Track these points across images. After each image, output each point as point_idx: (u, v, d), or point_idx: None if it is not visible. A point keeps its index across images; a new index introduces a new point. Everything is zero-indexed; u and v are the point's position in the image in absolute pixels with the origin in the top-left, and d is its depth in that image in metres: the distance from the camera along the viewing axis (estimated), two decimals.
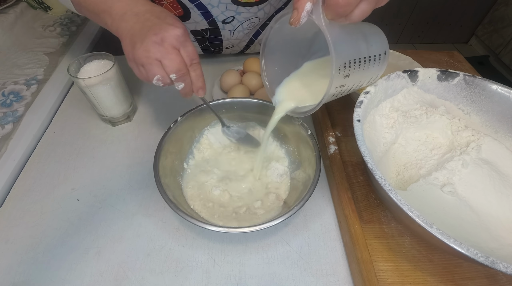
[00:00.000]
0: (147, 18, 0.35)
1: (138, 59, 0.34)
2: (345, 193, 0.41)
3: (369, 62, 0.35)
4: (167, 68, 0.34)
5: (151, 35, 0.33)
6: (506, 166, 0.41)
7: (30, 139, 0.52)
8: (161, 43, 0.33)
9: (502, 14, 1.94)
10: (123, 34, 0.36)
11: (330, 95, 0.34)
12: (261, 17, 0.59)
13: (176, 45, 0.34)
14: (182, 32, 0.35)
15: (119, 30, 0.36)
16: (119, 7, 0.36)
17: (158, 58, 0.34)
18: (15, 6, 0.78)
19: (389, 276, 0.36)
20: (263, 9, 0.57)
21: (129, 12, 0.36)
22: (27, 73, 0.64)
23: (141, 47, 0.33)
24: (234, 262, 0.39)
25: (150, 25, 0.34)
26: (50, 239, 0.40)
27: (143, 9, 0.36)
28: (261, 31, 0.65)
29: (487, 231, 0.37)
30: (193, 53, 0.36)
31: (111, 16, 0.37)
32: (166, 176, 0.41)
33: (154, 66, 0.34)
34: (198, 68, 0.37)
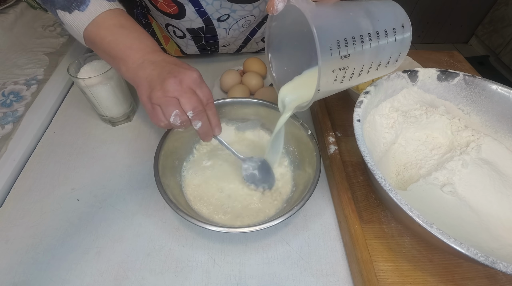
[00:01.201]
0: (164, 65, 0.37)
1: (155, 99, 0.35)
2: (345, 193, 0.41)
3: (378, 38, 0.32)
4: (185, 106, 0.35)
5: (171, 77, 0.35)
6: (506, 166, 0.41)
7: (30, 139, 0.52)
8: (179, 84, 0.35)
9: (502, 14, 1.94)
10: (141, 81, 0.37)
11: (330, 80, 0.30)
12: (256, 15, 0.59)
13: (192, 86, 0.36)
14: (198, 74, 0.37)
15: (136, 78, 0.37)
16: (136, 57, 0.38)
17: (176, 96, 0.35)
18: (15, 6, 0.78)
19: (389, 276, 0.36)
20: (258, 7, 0.57)
21: (147, 61, 0.37)
22: (27, 73, 0.64)
23: (161, 89, 0.35)
24: (234, 262, 0.39)
25: (168, 69, 0.36)
26: (50, 239, 0.40)
27: (160, 59, 0.38)
28: (257, 29, 0.65)
29: (487, 231, 0.37)
30: (208, 94, 0.38)
31: (127, 65, 0.38)
32: (166, 176, 0.41)
33: (172, 103, 0.35)
34: (213, 107, 0.39)
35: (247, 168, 0.45)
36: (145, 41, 0.40)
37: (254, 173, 0.45)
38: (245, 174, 0.45)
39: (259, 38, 0.68)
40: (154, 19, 0.65)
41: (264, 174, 0.45)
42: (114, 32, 0.39)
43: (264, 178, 0.45)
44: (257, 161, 0.45)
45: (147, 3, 0.56)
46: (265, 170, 0.46)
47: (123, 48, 0.38)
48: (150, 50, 0.39)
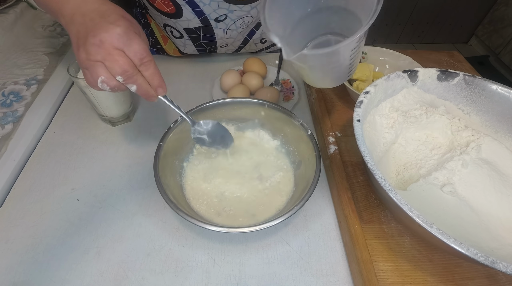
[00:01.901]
0: (92, 18, 0.32)
1: (81, 62, 0.32)
2: (345, 193, 0.41)
3: None
4: (112, 70, 0.32)
5: (90, 37, 0.31)
6: (506, 166, 0.41)
7: (30, 139, 0.52)
8: (100, 45, 0.31)
9: (502, 14, 1.94)
10: (72, 38, 0.34)
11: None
12: (254, 15, 0.59)
13: (118, 45, 0.32)
14: (123, 30, 0.32)
15: (69, 33, 0.34)
16: (68, 8, 0.34)
17: (99, 60, 0.32)
18: (15, 6, 0.78)
19: (389, 276, 0.36)
20: (256, 8, 0.57)
21: (77, 13, 0.33)
22: (27, 73, 0.63)
23: (83, 51, 0.32)
24: (234, 262, 0.39)
25: (91, 25, 0.32)
26: (50, 239, 0.40)
27: (91, 8, 0.33)
28: (255, 30, 0.65)
29: (487, 231, 0.37)
30: (141, 52, 0.33)
31: (64, 18, 0.35)
32: (166, 176, 0.41)
33: (97, 67, 0.32)
34: (151, 67, 0.35)
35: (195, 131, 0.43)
36: None
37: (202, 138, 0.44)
38: (193, 137, 0.43)
39: (258, 39, 0.68)
40: (152, 19, 0.65)
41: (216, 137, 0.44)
42: None
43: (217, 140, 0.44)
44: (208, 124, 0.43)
45: (145, 2, 0.56)
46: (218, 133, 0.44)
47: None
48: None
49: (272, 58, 0.71)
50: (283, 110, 0.47)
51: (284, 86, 0.63)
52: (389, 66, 0.62)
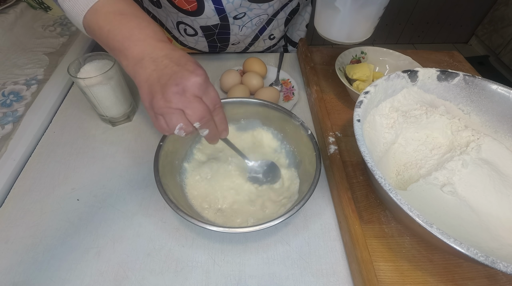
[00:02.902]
0: (166, 64, 0.33)
1: (157, 109, 0.32)
2: (345, 193, 0.41)
3: None
4: (191, 117, 0.32)
5: (172, 85, 0.31)
6: (506, 166, 0.41)
7: (30, 139, 0.52)
8: (183, 93, 0.31)
9: (502, 14, 1.94)
10: (141, 83, 0.33)
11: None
12: (270, 13, 0.60)
13: (198, 94, 0.32)
14: (204, 78, 0.33)
15: (136, 77, 0.34)
16: (136, 51, 0.34)
17: (180, 107, 0.32)
18: (15, 6, 0.78)
19: (389, 276, 0.36)
20: (273, 6, 0.58)
21: (147, 57, 0.33)
22: (27, 73, 0.64)
23: (162, 98, 0.31)
24: (234, 262, 0.39)
25: (170, 73, 0.32)
26: (50, 239, 0.40)
27: (162, 54, 0.33)
28: (266, 27, 0.65)
29: (487, 231, 0.37)
30: (215, 98, 0.35)
31: (127, 58, 0.34)
32: (166, 176, 0.41)
33: (176, 115, 0.32)
34: (221, 112, 0.36)
35: (251, 170, 0.46)
36: (146, 30, 0.35)
37: (258, 177, 0.46)
38: (249, 176, 0.46)
39: (267, 36, 0.68)
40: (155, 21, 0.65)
41: (269, 176, 0.46)
42: (112, 20, 0.35)
43: (268, 179, 0.46)
44: (263, 165, 0.46)
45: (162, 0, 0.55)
46: (271, 171, 0.46)
47: (121, 39, 0.34)
48: (151, 41, 0.35)
49: (272, 58, 0.71)
50: (283, 110, 0.47)
51: (284, 86, 0.63)
52: (389, 66, 0.62)
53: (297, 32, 0.78)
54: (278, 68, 0.66)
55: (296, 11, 0.66)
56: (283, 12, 0.64)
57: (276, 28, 0.67)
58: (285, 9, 0.63)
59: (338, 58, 0.59)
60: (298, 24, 0.76)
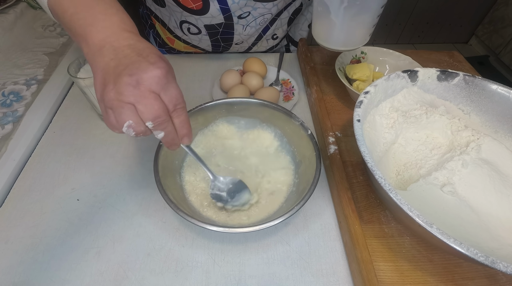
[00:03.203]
0: (126, 54, 0.30)
1: (107, 101, 0.29)
2: (345, 193, 0.41)
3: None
4: (143, 115, 0.29)
5: (126, 75, 0.28)
6: (506, 166, 0.41)
7: (30, 139, 0.52)
8: (136, 86, 0.28)
9: (502, 14, 1.94)
10: (97, 70, 0.30)
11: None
12: (273, 13, 0.60)
13: (155, 89, 0.29)
14: (164, 73, 0.29)
15: (93, 65, 0.31)
16: (97, 38, 0.31)
17: (132, 102, 0.28)
18: (15, 6, 0.78)
19: (389, 276, 0.36)
20: (277, 5, 0.58)
21: (108, 45, 0.30)
22: (27, 73, 0.63)
23: (113, 89, 0.28)
24: (234, 262, 0.39)
25: (127, 63, 0.29)
26: (50, 239, 0.40)
27: (125, 44, 0.30)
28: (269, 26, 0.65)
29: (487, 231, 0.37)
30: (176, 97, 0.31)
31: (88, 45, 0.31)
32: (166, 176, 0.41)
33: (126, 110, 0.28)
34: (182, 114, 0.32)
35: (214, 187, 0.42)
36: (112, 17, 0.32)
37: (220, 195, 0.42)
38: (211, 193, 0.42)
39: (270, 35, 0.69)
40: (157, 21, 0.65)
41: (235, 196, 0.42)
42: (76, 4, 0.32)
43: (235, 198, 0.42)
44: (228, 183, 0.42)
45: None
46: (238, 191, 0.42)
47: (84, 24, 0.31)
48: (116, 29, 0.31)
49: (272, 58, 0.71)
50: (283, 110, 0.47)
51: (284, 86, 0.63)
52: (389, 66, 0.62)
53: (299, 32, 0.78)
54: (278, 68, 0.66)
55: (299, 11, 0.66)
56: (286, 12, 0.64)
57: (279, 27, 0.67)
58: (289, 8, 0.63)
59: (338, 58, 0.59)
60: (301, 24, 0.76)
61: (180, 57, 0.70)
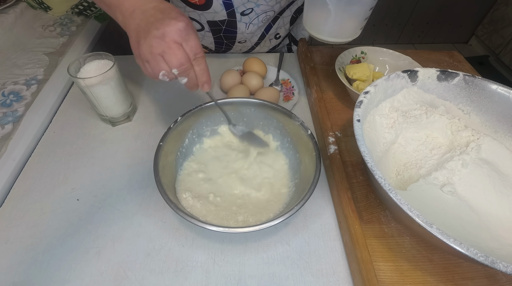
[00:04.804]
0: (152, 14, 0.35)
1: (143, 55, 0.35)
2: (345, 193, 0.41)
3: None
4: (170, 63, 0.34)
5: (153, 30, 0.34)
6: (506, 166, 0.41)
7: (30, 139, 0.52)
8: (162, 38, 0.33)
9: (502, 14, 1.94)
10: (131, 31, 0.36)
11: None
12: (276, 10, 0.60)
13: (178, 40, 0.34)
14: (184, 25, 0.34)
15: (127, 27, 0.37)
16: (129, 4, 0.37)
17: (160, 53, 0.34)
18: (15, 6, 0.78)
19: (389, 276, 0.36)
20: (279, 3, 0.58)
21: (138, 9, 0.36)
22: (27, 73, 0.64)
23: (145, 43, 0.34)
24: (234, 262, 0.39)
25: (153, 20, 0.34)
26: (50, 239, 0.40)
27: (150, 6, 0.36)
28: (272, 25, 0.66)
29: (487, 231, 0.37)
30: (196, 47, 0.36)
31: (122, 12, 0.37)
32: (166, 176, 0.41)
33: (159, 62, 0.34)
34: (202, 62, 0.37)
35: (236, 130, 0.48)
36: None
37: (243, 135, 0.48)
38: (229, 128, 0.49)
39: (273, 35, 0.69)
40: None
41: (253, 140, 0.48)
42: None
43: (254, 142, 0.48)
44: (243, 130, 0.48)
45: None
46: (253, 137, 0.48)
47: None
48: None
49: (272, 58, 0.71)
50: (283, 110, 0.47)
51: (284, 86, 0.63)
52: (389, 66, 0.62)
53: (301, 31, 0.78)
54: (278, 68, 0.66)
55: (301, 10, 0.67)
56: (288, 10, 0.64)
57: (282, 26, 0.68)
58: (291, 7, 0.64)
59: (338, 58, 0.59)
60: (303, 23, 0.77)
61: None
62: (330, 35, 0.46)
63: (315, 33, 0.48)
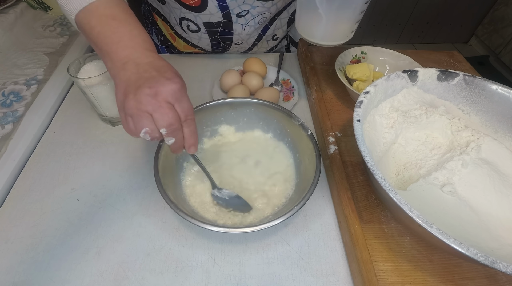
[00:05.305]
0: (146, 69, 0.34)
1: (128, 109, 0.32)
2: (345, 193, 0.41)
3: None
4: (158, 122, 0.32)
5: (145, 87, 0.32)
6: (506, 166, 0.41)
7: (30, 139, 0.52)
8: (154, 97, 0.32)
9: (502, 14, 1.94)
10: (120, 82, 0.34)
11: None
12: (272, 12, 0.60)
13: (170, 100, 0.33)
14: (179, 87, 0.33)
15: (116, 77, 0.35)
16: (122, 55, 0.35)
17: (149, 111, 0.32)
18: (15, 6, 0.78)
19: (389, 276, 0.36)
20: (276, 5, 0.58)
21: (131, 62, 0.34)
22: (27, 73, 0.64)
23: (133, 98, 0.32)
24: (234, 262, 0.39)
25: (147, 77, 0.33)
26: (50, 239, 0.40)
27: (146, 61, 0.35)
28: (269, 26, 0.65)
29: (487, 231, 0.37)
30: (188, 109, 0.35)
31: (112, 61, 0.35)
32: (166, 176, 0.41)
33: (144, 119, 0.32)
34: (192, 124, 0.36)
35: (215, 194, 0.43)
36: (136, 39, 0.36)
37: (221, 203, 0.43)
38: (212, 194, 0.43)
39: (270, 36, 0.69)
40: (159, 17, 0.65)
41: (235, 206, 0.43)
42: (104, 23, 0.36)
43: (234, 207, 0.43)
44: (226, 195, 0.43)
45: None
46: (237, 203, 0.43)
47: (110, 42, 0.35)
48: (139, 48, 0.36)
49: (272, 58, 0.71)
50: (283, 110, 0.47)
51: (284, 86, 0.63)
52: (389, 66, 0.62)
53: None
54: (278, 68, 0.66)
55: None
56: (285, 12, 0.64)
57: (279, 28, 0.67)
58: (288, 8, 0.63)
59: (338, 58, 0.59)
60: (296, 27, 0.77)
61: (180, 57, 0.70)
62: (323, 39, 0.47)
63: (307, 36, 0.48)
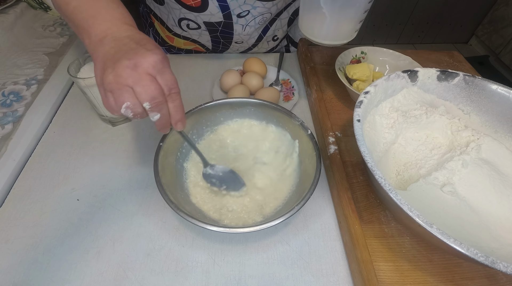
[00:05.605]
0: (126, 43, 0.32)
1: (107, 84, 0.30)
2: (345, 193, 0.41)
3: None
4: (140, 96, 0.30)
5: (124, 59, 0.30)
6: (506, 166, 0.41)
7: (30, 139, 0.52)
8: (134, 68, 0.30)
9: (502, 14, 1.94)
10: (98, 58, 0.32)
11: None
12: (273, 12, 0.60)
13: (151, 72, 0.30)
14: (160, 58, 0.31)
15: (94, 54, 0.33)
16: (99, 29, 0.33)
17: (130, 84, 0.30)
18: (15, 6, 0.78)
19: (389, 276, 0.36)
20: (276, 5, 0.58)
21: (109, 36, 0.32)
22: (27, 73, 0.63)
23: (112, 72, 0.30)
24: (234, 262, 0.39)
25: (126, 49, 0.31)
26: (50, 239, 0.40)
27: (125, 35, 0.33)
28: (269, 27, 0.65)
29: (487, 231, 0.37)
30: (171, 82, 0.32)
31: (89, 36, 0.33)
32: (166, 176, 0.41)
33: (124, 93, 0.30)
34: (177, 99, 0.33)
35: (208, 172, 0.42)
36: (113, 12, 0.34)
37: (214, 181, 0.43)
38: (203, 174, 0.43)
39: (270, 37, 0.69)
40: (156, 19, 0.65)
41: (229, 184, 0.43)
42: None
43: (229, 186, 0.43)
44: (219, 171, 0.42)
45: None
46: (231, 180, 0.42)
47: (86, 16, 0.34)
48: (117, 22, 0.34)
49: (272, 58, 0.71)
50: (283, 110, 0.47)
51: (284, 86, 0.63)
52: (389, 66, 0.62)
53: (299, 32, 0.78)
54: (278, 68, 0.66)
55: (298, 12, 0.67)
56: (286, 12, 0.64)
57: (279, 28, 0.67)
58: (288, 9, 0.63)
59: (338, 58, 0.59)
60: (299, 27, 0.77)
61: (180, 57, 0.70)
62: (326, 38, 0.46)
63: (311, 36, 0.48)
